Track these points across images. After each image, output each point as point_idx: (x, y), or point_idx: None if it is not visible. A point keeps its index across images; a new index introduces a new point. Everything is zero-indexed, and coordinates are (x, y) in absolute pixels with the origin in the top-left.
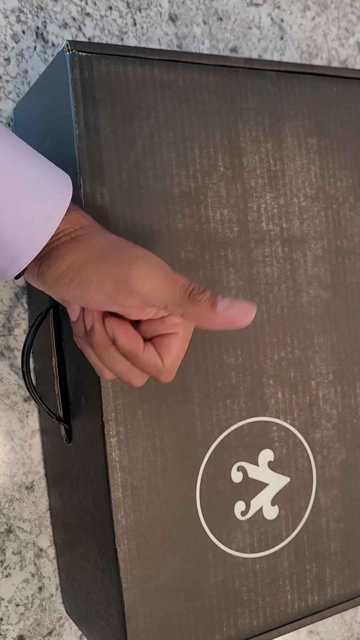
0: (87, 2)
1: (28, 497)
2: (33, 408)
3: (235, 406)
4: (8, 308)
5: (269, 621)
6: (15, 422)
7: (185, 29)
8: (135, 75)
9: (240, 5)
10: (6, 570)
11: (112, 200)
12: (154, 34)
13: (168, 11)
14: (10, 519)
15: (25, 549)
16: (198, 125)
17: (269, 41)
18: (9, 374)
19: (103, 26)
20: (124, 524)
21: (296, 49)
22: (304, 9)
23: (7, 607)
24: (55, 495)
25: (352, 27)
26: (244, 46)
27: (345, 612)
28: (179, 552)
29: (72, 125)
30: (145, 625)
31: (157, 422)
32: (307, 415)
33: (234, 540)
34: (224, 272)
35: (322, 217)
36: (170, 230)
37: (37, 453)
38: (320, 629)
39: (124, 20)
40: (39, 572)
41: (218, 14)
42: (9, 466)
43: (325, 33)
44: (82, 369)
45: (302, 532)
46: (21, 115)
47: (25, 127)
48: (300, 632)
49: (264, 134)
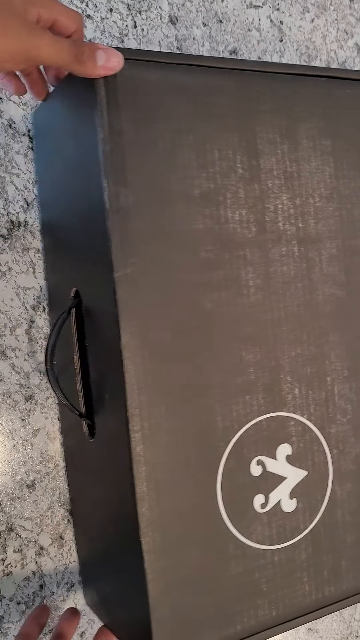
0: (87, 4)
1: (29, 495)
2: (34, 407)
3: (254, 402)
4: (9, 308)
5: (288, 612)
6: (17, 421)
7: (185, 31)
8: (156, 79)
9: (240, 8)
10: (7, 568)
11: (135, 201)
12: (154, 36)
13: (168, 13)
14: (11, 517)
15: (26, 547)
16: (217, 128)
17: (269, 43)
18: (10, 373)
19: (104, 28)
20: (149, 516)
21: (295, 51)
22: (303, 11)
23: (9, 605)
24: (76, 490)
25: (351, 29)
26: (244, 48)
27: (345, 610)
28: (201, 544)
29: (97, 129)
30: (169, 615)
31: (179, 418)
32: (323, 411)
33: (254, 532)
34: (243, 271)
35: (336, 217)
36: (191, 230)
37: (38, 452)
38: (320, 627)
39: (125, 22)
40: (40, 571)
41: (218, 16)
42: (10, 465)
43: (325, 35)
44: (105, 366)
45: (319, 525)
46: (41, 119)
47: (45, 130)
48: (300, 629)
49: (280, 136)
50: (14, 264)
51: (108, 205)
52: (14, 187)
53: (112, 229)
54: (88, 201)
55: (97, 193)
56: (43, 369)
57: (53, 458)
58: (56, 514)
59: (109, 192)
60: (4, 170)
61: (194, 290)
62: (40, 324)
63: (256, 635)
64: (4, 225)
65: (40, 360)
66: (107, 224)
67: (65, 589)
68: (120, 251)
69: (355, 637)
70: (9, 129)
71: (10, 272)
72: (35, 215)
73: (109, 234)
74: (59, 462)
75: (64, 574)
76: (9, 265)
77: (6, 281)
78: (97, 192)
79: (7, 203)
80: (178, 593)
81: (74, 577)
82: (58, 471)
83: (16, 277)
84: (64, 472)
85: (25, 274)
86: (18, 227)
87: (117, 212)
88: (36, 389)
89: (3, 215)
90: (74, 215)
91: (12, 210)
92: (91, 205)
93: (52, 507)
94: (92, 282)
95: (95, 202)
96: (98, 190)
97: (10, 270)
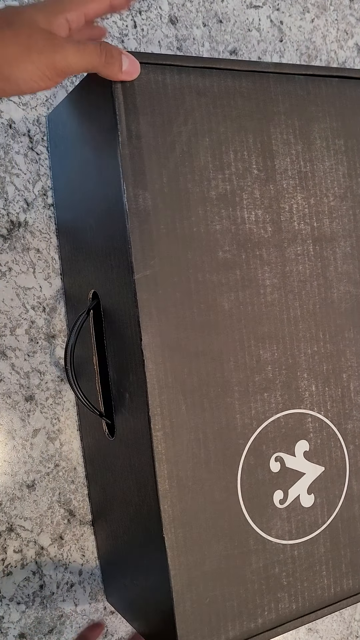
0: None
1: (29, 495)
2: (34, 407)
3: (272, 399)
4: (9, 308)
5: (307, 605)
6: (17, 421)
7: (185, 31)
8: (172, 83)
9: (240, 8)
10: (7, 568)
11: (154, 204)
12: (154, 37)
13: (168, 13)
14: (11, 517)
15: (26, 547)
16: (232, 130)
17: (269, 43)
18: (10, 373)
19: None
20: (171, 513)
21: (295, 51)
22: (303, 11)
23: (9, 605)
24: (96, 488)
25: (351, 29)
26: (244, 48)
27: (344, 610)
28: (222, 540)
29: (116, 133)
30: (192, 609)
31: (199, 416)
32: (339, 407)
33: (274, 527)
34: (259, 270)
35: (350, 216)
36: (209, 231)
37: (38, 452)
38: (320, 627)
39: (125, 22)
40: (40, 571)
41: (218, 16)
42: (10, 465)
43: (325, 35)
44: (125, 366)
45: (337, 519)
46: (56, 122)
47: (61, 133)
48: (300, 629)
49: (294, 137)
50: (14, 264)
51: (127, 208)
52: (14, 187)
53: (132, 231)
54: (107, 204)
55: (116, 196)
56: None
57: (53, 458)
58: (56, 514)
59: (128, 195)
60: (4, 170)
61: (212, 290)
62: (40, 324)
63: (277, 628)
64: (4, 225)
65: (40, 360)
66: (127, 226)
67: (65, 589)
68: (140, 253)
69: (355, 637)
70: (9, 129)
71: (10, 272)
72: (35, 215)
73: (128, 236)
74: (59, 462)
75: (64, 574)
76: (9, 265)
77: (6, 281)
78: (117, 194)
79: (7, 203)
80: (201, 587)
81: (74, 577)
82: (58, 471)
83: (16, 277)
84: (64, 472)
85: (25, 274)
86: (18, 227)
87: (137, 214)
88: (36, 389)
89: (3, 215)
90: (92, 218)
91: (12, 210)
92: (110, 207)
93: (52, 507)
94: (111, 283)
95: (114, 204)
96: (117, 193)
97: (10, 270)
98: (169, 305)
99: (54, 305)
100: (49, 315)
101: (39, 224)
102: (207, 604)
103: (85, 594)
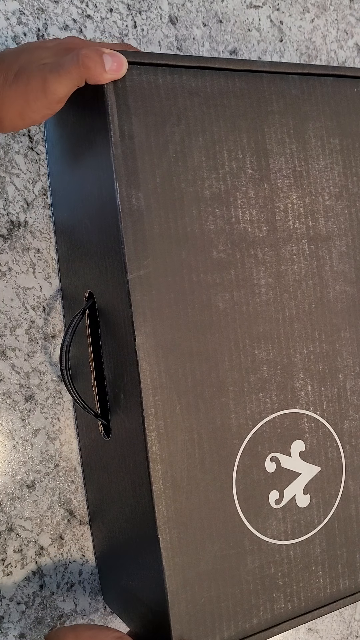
0: (87, 4)
1: (29, 495)
2: (34, 407)
3: (267, 399)
4: (9, 308)
5: (303, 605)
6: (17, 421)
7: (185, 31)
8: (165, 83)
9: (240, 8)
10: (7, 568)
11: (147, 204)
12: (154, 36)
13: (168, 13)
14: (11, 517)
15: (26, 547)
16: (226, 130)
17: (269, 43)
18: (10, 373)
19: (104, 28)
20: (165, 514)
21: (295, 51)
22: (303, 11)
23: (9, 605)
24: (92, 489)
25: (351, 29)
26: (244, 48)
27: (344, 610)
28: (218, 540)
29: (108, 133)
30: (187, 610)
31: (194, 416)
32: (335, 407)
33: (269, 528)
34: (254, 270)
35: (346, 215)
36: (203, 231)
37: (38, 452)
38: (320, 627)
39: (125, 22)
40: (40, 571)
41: (218, 16)
42: (10, 465)
43: (325, 35)
44: (120, 367)
45: (333, 519)
46: (53, 123)
47: (57, 133)
48: (300, 629)
49: (288, 136)
50: (14, 264)
51: (121, 208)
52: (14, 187)
53: (125, 231)
54: (100, 204)
55: (109, 196)
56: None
57: (53, 458)
58: (56, 514)
59: (121, 195)
60: (4, 170)
61: (207, 290)
62: (40, 324)
63: (273, 628)
64: (4, 225)
65: (40, 360)
66: (120, 226)
67: (65, 589)
68: (133, 253)
69: (355, 637)
70: None
71: (10, 272)
72: (35, 215)
73: (122, 236)
74: (59, 462)
75: (64, 574)
76: (9, 265)
77: (6, 281)
78: (110, 194)
79: (7, 203)
80: (196, 588)
81: (74, 577)
82: (58, 471)
83: (16, 277)
84: (64, 472)
85: (25, 274)
86: (18, 227)
87: (130, 214)
88: (36, 389)
89: (3, 215)
90: (87, 218)
91: (12, 210)
92: (104, 208)
93: (52, 507)
94: (106, 283)
95: (108, 204)
96: (110, 193)
97: (10, 270)
98: (163, 305)
99: (54, 305)
100: (49, 315)
101: (39, 224)
102: (202, 605)
103: (85, 594)
